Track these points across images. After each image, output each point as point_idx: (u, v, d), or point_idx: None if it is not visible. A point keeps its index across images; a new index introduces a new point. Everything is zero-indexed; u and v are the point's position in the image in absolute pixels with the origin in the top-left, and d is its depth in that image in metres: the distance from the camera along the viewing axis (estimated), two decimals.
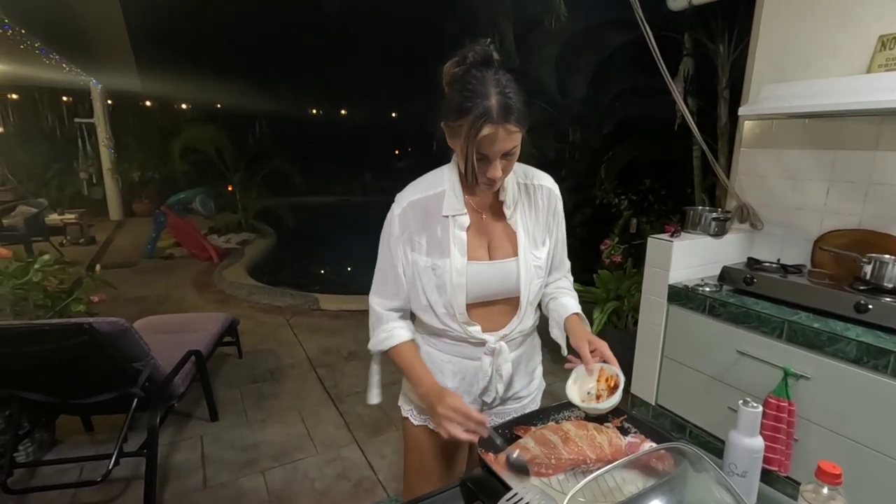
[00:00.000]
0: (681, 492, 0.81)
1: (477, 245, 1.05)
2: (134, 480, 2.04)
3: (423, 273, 1.04)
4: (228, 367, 3.16)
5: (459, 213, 1.03)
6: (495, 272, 1.05)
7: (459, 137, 0.93)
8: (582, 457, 0.91)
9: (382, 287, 1.10)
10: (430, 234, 1.03)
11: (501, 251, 1.06)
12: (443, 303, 1.04)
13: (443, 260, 1.02)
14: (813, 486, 0.72)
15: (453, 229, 1.03)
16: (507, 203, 1.07)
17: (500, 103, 0.89)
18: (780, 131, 2.23)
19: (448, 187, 1.04)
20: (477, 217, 1.06)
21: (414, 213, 1.03)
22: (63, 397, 1.88)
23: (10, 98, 9.88)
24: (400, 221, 1.04)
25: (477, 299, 1.05)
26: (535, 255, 1.08)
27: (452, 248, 1.02)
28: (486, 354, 1.09)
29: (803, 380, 1.74)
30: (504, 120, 0.90)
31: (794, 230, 2.21)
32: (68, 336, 1.60)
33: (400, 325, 1.10)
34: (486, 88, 0.90)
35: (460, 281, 1.02)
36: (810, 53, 2.07)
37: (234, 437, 2.40)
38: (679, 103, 2.48)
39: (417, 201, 1.04)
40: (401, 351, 1.08)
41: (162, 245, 6.40)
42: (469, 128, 0.90)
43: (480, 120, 0.89)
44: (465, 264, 1.02)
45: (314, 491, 2.01)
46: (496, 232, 1.07)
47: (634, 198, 4.11)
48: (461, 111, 0.90)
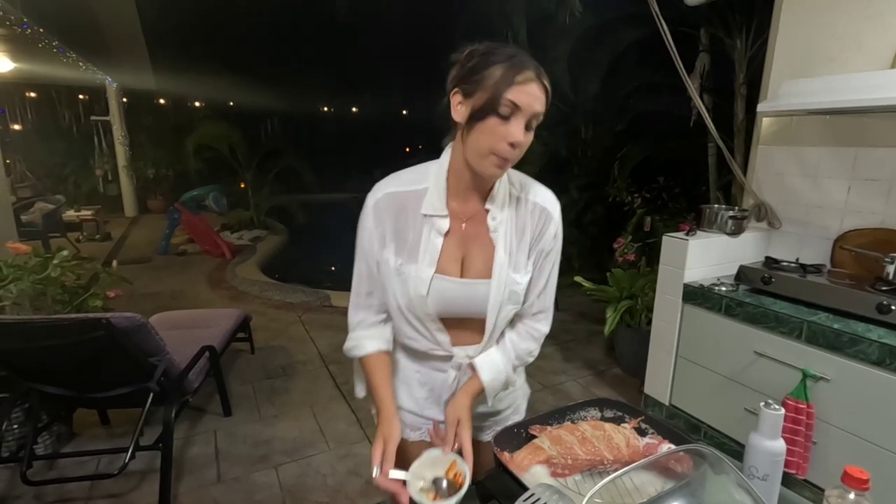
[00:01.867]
0: (701, 494, 0.79)
1: (450, 257, 0.92)
2: (149, 473, 2.07)
3: (391, 273, 0.93)
4: (241, 362, 3.19)
5: (440, 213, 0.91)
6: (463, 292, 0.93)
7: (484, 89, 0.81)
8: (599, 457, 0.90)
9: (358, 287, 0.99)
10: (401, 232, 0.92)
11: (474, 269, 0.93)
12: (411, 308, 0.94)
13: (409, 265, 0.91)
14: (839, 492, 0.70)
15: (428, 233, 0.91)
16: (493, 213, 0.93)
17: (533, 62, 0.83)
18: (800, 128, 2.18)
19: (432, 184, 0.91)
20: (457, 224, 0.93)
21: (389, 206, 0.91)
22: (81, 391, 1.91)
23: (29, 96, 10.06)
24: (374, 214, 0.92)
25: (442, 315, 0.95)
26: (515, 278, 0.94)
27: (422, 254, 0.91)
28: (453, 368, 1.01)
29: (822, 381, 1.70)
30: (539, 73, 0.82)
31: (813, 229, 2.17)
32: (86, 331, 1.62)
33: (368, 335, 0.99)
34: (517, 50, 0.84)
35: (420, 291, 0.91)
36: (832, 48, 2.03)
37: (247, 432, 2.42)
38: (695, 100, 2.45)
39: (394, 194, 0.92)
40: (366, 363, 1.00)
41: (176, 241, 6.47)
42: (504, 72, 0.80)
43: (518, 66, 0.80)
44: (430, 276, 0.90)
45: (327, 486, 2.02)
46: (474, 245, 0.94)
47: (648, 196, 4.07)
48: (489, 63, 0.81)
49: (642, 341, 2.48)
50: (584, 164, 5.16)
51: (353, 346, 1.00)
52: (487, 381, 0.98)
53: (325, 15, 10.25)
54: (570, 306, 4.23)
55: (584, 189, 5.00)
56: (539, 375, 3.02)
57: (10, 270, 1.73)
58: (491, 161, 0.84)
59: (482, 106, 0.81)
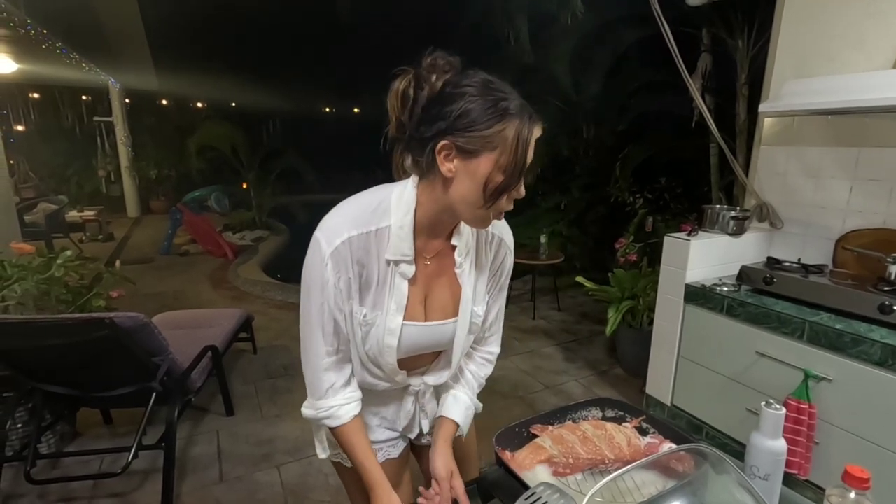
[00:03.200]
0: (702, 494, 0.80)
1: (415, 301, 0.86)
2: (152, 473, 2.08)
3: (355, 323, 0.84)
4: (243, 362, 3.20)
5: (406, 259, 0.82)
6: (429, 335, 0.89)
7: (497, 148, 0.72)
8: (600, 456, 0.90)
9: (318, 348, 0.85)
10: (367, 279, 0.82)
11: (439, 311, 0.88)
12: (372, 357, 0.87)
13: (375, 313, 0.83)
14: (839, 491, 0.70)
15: (394, 278, 0.83)
16: (460, 249, 0.87)
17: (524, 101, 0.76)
18: (802, 128, 2.18)
19: (395, 223, 0.80)
20: (421, 263, 0.85)
21: (351, 253, 0.79)
22: (84, 390, 1.92)
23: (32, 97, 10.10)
24: (334, 264, 0.79)
25: (403, 356, 0.89)
26: (476, 312, 0.92)
27: (389, 302, 0.83)
28: (409, 395, 0.98)
29: (824, 382, 1.70)
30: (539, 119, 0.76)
31: (815, 229, 2.16)
32: (90, 330, 1.63)
33: (343, 400, 0.88)
34: (507, 87, 0.76)
35: (391, 342, 0.84)
36: (834, 48, 2.02)
37: (249, 431, 2.43)
38: (697, 100, 2.45)
39: (356, 239, 0.79)
40: (344, 432, 0.88)
41: (178, 242, 6.49)
42: (519, 130, 0.72)
43: (532, 120, 0.74)
44: (399, 324, 0.84)
45: (328, 486, 2.03)
46: (438, 284, 0.88)
47: (650, 196, 4.07)
48: (503, 112, 0.72)
49: (644, 341, 2.48)
50: (586, 163, 5.16)
51: (326, 417, 0.87)
52: (461, 421, 0.97)
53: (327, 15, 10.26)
54: (572, 307, 4.23)
55: (586, 189, 5.00)
56: (540, 375, 3.02)
57: (15, 270, 1.74)
58: (490, 218, 0.79)
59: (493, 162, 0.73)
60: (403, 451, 1.06)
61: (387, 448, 1.03)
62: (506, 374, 3.02)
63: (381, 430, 1.02)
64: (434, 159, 0.75)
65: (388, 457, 1.03)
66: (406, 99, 0.78)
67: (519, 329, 3.75)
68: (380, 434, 1.02)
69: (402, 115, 0.79)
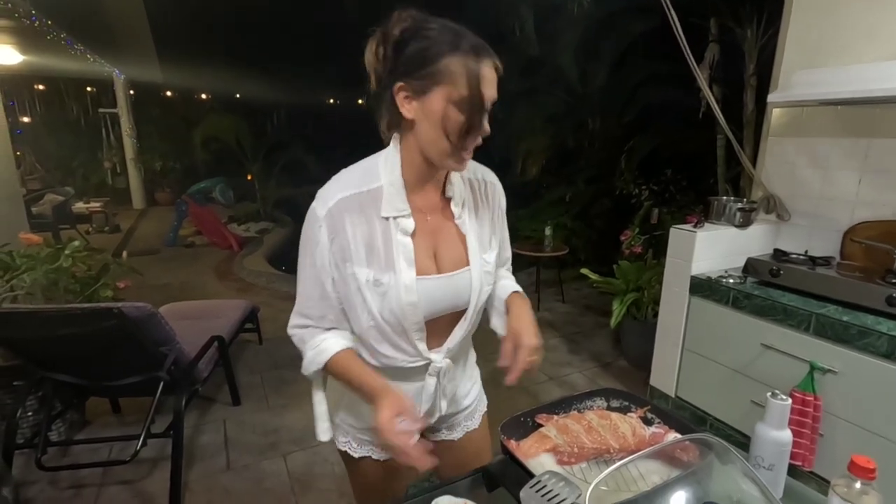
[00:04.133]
0: (706, 483, 0.80)
1: (423, 255, 0.86)
2: (160, 461, 2.11)
3: (365, 289, 0.83)
4: (249, 353, 3.22)
5: (402, 213, 0.83)
6: (447, 287, 0.88)
7: (447, 81, 0.75)
8: (605, 446, 0.91)
9: (307, 309, 0.88)
10: (367, 240, 0.83)
11: (450, 261, 0.89)
12: (391, 323, 0.85)
13: (386, 274, 0.83)
14: (845, 481, 0.71)
15: (396, 235, 0.83)
16: (456, 200, 0.90)
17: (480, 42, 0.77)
18: (811, 119, 2.16)
19: (386, 182, 0.83)
20: (421, 219, 0.86)
21: (345, 213, 0.81)
22: (93, 380, 1.94)
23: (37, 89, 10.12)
24: (327, 225, 0.81)
25: (427, 316, 0.88)
26: (486, 259, 0.93)
27: (398, 259, 0.83)
28: (431, 375, 0.93)
29: (830, 374, 1.70)
30: (493, 56, 0.77)
31: (822, 221, 2.15)
32: (98, 320, 1.65)
33: (329, 336, 0.88)
34: (459, 28, 0.77)
35: (411, 299, 0.83)
36: (844, 38, 2.00)
37: (255, 421, 2.45)
38: (705, 90, 2.42)
39: (348, 199, 0.81)
40: (338, 362, 0.87)
41: (183, 233, 6.52)
42: (465, 63, 0.74)
43: (479, 54, 0.75)
44: (414, 280, 0.83)
45: (334, 475, 2.05)
46: (443, 236, 0.89)
47: (655, 188, 4.04)
48: (441, 51, 0.74)
49: (648, 334, 2.48)
50: (591, 156, 5.13)
51: (315, 355, 0.87)
52: (517, 288, 1.01)
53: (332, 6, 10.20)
54: (577, 299, 4.23)
55: (591, 181, 4.97)
56: (544, 367, 3.03)
57: (24, 261, 1.76)
58: (461, 157, 0.81)
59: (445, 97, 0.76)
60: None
61: None
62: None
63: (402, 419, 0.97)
64: (396, 106, 0.79)
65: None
66: (377, 53, 0.80)
67: None
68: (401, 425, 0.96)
69: (377, 69, 0.82)
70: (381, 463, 1.01)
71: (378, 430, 0.79)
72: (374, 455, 1.01)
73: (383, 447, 0.82)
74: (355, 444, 1.01)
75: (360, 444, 1.01)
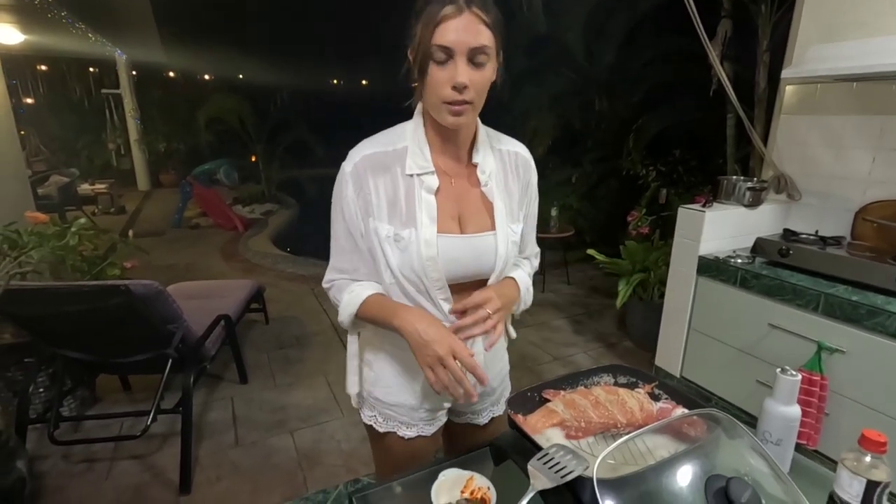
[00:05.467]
0: (714, 457, 0.80)
1: (447, 215, 0.87)
2: (170, 437, 2.14)
3: (385, 244, 0.86)
4: (256, 332, 3.25)
5: (426, 171, 0.86)
6: (469, 248, 0.88)
7: (417, 40, 0.79)
8: (612, 421, 0.90)
9: (340, 262, 0.92)
10: (390, 196, 0.86)
11: (474, 224, 0.89)
12: (411, 279, 0.87)
13: (407, 230, 0.85)
14: (854, 455, 0.70)
15: (419, 191, 0.85)
16: (482, 167, 0.90)
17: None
18: (825, 96, 2.11)
19: (412, 142, 0.87)
20: (446, 181, 0.89)
21: (369, 169, 0.85)
22: (102, 356, 1.96)
23: (40, 69, 10.05)
24: (353, 180, 0.86)
25: (449, 280, 0.88)
26: (513, 229, 0.93)
27: (419, 213, 0.85)
28: None
29: (837, 354, 1.69)
30: (467, 4, 0.76)
31: (834, 201, 2.12)
32: (106, 297, 1.66)
33: (362, 284, 0.91)
34: None
35: (430, 253, 0.84)
36: (861, 12, 1.94)
37: (263, 398, 2.48)
38: (716, 67, 2.37)
39: (373, 156, 0.86)
40: (372, 301, 0.89)
41: (188, 215, 6.53)
42: (428, 19, 0.76)
43: (440, 3, 0.76)
44: (434, 234, 0.85)
45: (341, 451, 2.08)
46: (468, 201, 0.90)
47: (663, 169, 3.99)
48: (417, 10, 0.79)
49: (654, 314, 2.48)
50: (598, 136, 5.06)
51: (351, 297, 0.89)
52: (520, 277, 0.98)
53: None
54: (583, 280, 4.22)
55: (598, 162, 4.92)
56: (549, 347, 3.04)
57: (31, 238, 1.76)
58: (445, 110, 0.81)
59: (416, 59, 0.79)
60: (437, 432, 1.05)
61: (422, 425, 1.02)
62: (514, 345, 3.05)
63: (428, 392, 0.98)
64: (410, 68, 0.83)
65: (421, 433, 1.02)
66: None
67: None
68: (426, 400, 0.99)
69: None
70: (405, 440, 1.02)
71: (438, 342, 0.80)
72: (398, 432, 1.01)
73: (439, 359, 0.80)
74: (381, 419, 1.01)
75: (385, 420, 1.01)
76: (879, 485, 0.67)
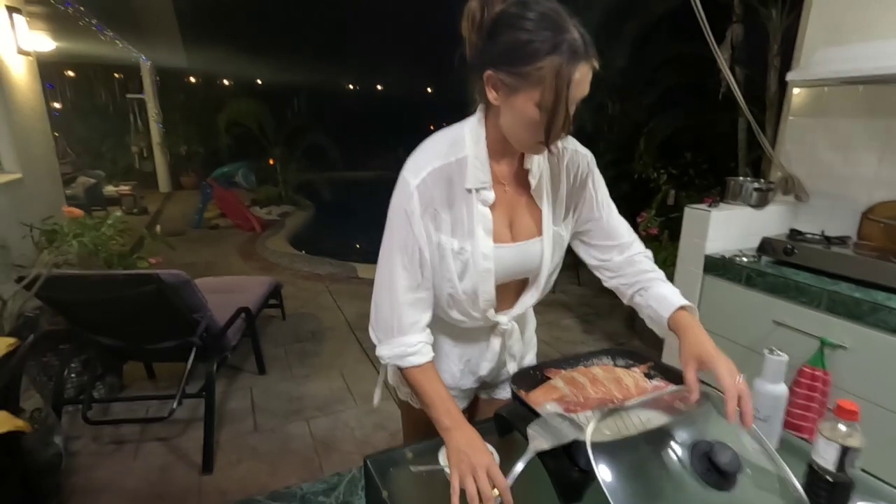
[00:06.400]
0: (703, 428, 0.86)
1: (501, 224, 0.90)
2: (193, 422, 2.25)
3: (450, 257, 0.87)
4: (273, 327, 3.36)
5: (485, 186, 0.86)
6: (518, 255, 0.91)
7: (533, 86, 0.73)
8: (609, 396, 0.97)
9: (400, 283, 0.86)
10: (454, 212, 0.85)
11: (525, 230, 0.92)
12: (467, 291, 0.89)
13: (468, 242, 0.86)
14: (830, 424, 0.76)
15: (476, 205, 0.86)
16: (533, 172, 0.90)
17: (581, 35, 0.73)
18: (832, 99, 2.14)
19: (472, 154, 0.85)
20: (500, 190, 0.89)
21: (436, 184, 0.83)
22: (132, 343, 2.08)
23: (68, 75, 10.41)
24: (420, 195, 0.83)
25: (498, 282, 0.92)
26: (559, 231, 0.95)
27: (477, 228, 0.86)
28: (496, 336, 0.99)
29: (840, 350, 1.72)
30: (590, 55, 0.74)
31: (841, 201, 2.14)
32: (138, 284, 1.77)
33: (426, 339, 0.88)
34: (563, 19, 0.73)
35: (488, 266, 0.87)
36: (868, 15, 1.97)
37: (280, 389, 2.58)
38: (724, 71, 2.41)
39: (440, 170, 0.83)
40: (424, 372, 0.87)
41: (208, 216, 6.71)
42: (557, 70, 0.71)
43: (573, 59, 0.71)
44: (492, 248, 0.87)
45: (354, 438, 2.16)
46: (519, 207, 0.92)
47: (674, 172, 4.02)
48: (536, 51, 0.71)
49: None
50: (611, 139, 5.10)
51: (413, 353, 0.86)
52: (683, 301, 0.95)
53: None
54: (593, 281, 4.23)
55: (609, 166, 4.94)
56: (559, 346, 3.09)
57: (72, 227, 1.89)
58: (536, 148, 0.82)
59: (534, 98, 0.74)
60: (464, 408, 1.11)
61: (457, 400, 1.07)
62: None
63: (464, 375, 1.05)
64: (483, 87, 0.79)
65: None
66: (473, 21, 0.79)
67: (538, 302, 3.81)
68: (465, 380, 1.05)
69: (472, 38, 0.80)
70: None
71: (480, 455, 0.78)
72: None
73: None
74: None
75: None
76: (851, 450, 0.73)
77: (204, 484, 1.90)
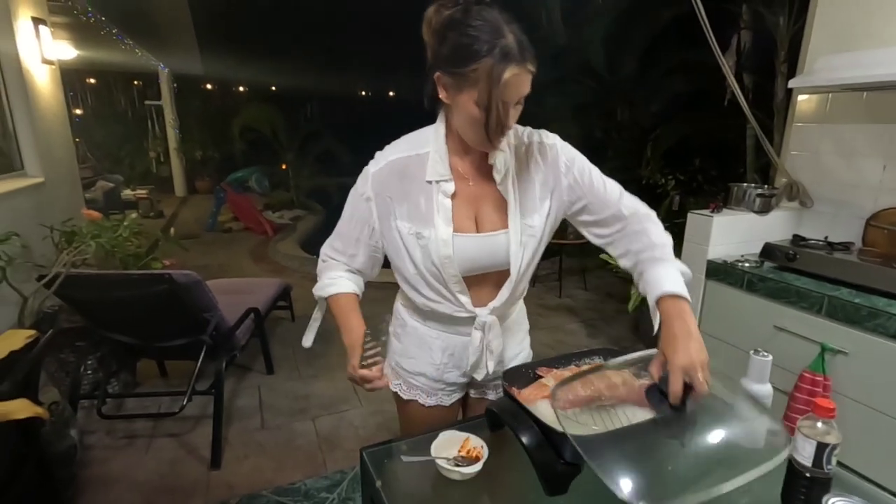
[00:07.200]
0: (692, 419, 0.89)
1: (463, 215, 0.95)
2: (202, 419, 2.31)
3: (408, 240, 0.95)
4: (282, 328, 3.42)
5: (444, 178, 0.93)
6: (483, 246, 0.96)
7: (472, 86, 0.81)
8: (597, 394, 1.00)
9: (340, 244, 1.03)
10: (410, 200, 0.94)
11: (490, 223, 0.96)
12: (430, 270, 0.96)
13: (427, 229, 0.93)
14: (809, 422, 0.79)
15: (437, 196, 0.93)
16: (497, 167, 0.94)
17: (517, 41, 0.80)
18: (836, 105, 2.15)
19: (433, 149, 0.94)
20: (463, 184, 0.95)
21: (392, 174, 0.94)
22: (145, 340, 2.15)
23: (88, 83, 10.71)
24: (374, 181, 0.95)
25: (465, 273, 0.97)
26: (528, 224, 0.97)
27: (436, 217, 0.93)
28: (477, 329, 1.02)
29: (840, 355, 1.72)
30: (524, 59, 0.80)
31: (845, 208, 2.14)
32: (152, 284, 1.84)
33: (346, 277, 1.03)
34: (500, 26, 0.80)
35: (447, 252, 0.93)
36: (873, 23, 1.98)
37: (287, 388, 2.64)
38: (729, 77, 2.43)
39: (397, 161, 0.94)
40: (340, 300, 1.02)
41: (222, 219, 6.84)
42: (489, 71, 0.78)
43: (504, 61, 0.78)
44: (450, 235, 0.93)
45: (358, 437, 2.21)
46: (484, 200, 0.97)
47: (682, 178, 4.02)
48: (473, 54, 0.79)
49: None
50: (619, 145, 5.11)
51: (328, 284, 1.02)
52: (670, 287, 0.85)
53: None
54: (598, 286, 4.27)
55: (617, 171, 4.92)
56: (562, 349, 3.11)
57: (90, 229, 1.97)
58: (486, 146, 0.89)
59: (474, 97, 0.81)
60: (455, 404, 1.14)
61: (441, 395, 1.12)
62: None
63: (449, 368, 1.09)
64: (436, 87, 0.88)
65: (440, 403, 1.12)
66: (429, 26, 0.87)
67: (544, 306, 3.83)
68: (447, 374, 1.10)
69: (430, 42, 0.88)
70: (426, 408, 1.13)
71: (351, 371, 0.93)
72: (420, 400, 1.12)
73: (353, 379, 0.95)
74: (405, 387, 1.14)
75: (409, 388, 1.13)
76: (828, 446, 0.75)
77: (212, 478, 1.95)
